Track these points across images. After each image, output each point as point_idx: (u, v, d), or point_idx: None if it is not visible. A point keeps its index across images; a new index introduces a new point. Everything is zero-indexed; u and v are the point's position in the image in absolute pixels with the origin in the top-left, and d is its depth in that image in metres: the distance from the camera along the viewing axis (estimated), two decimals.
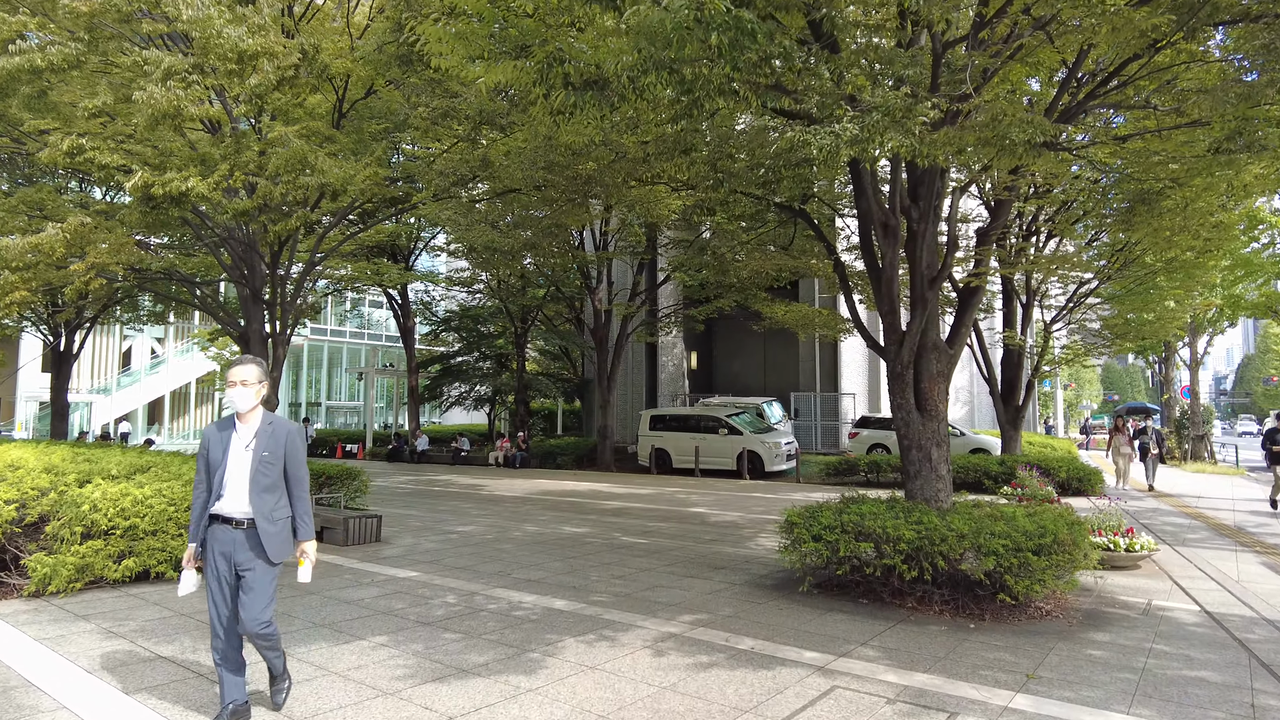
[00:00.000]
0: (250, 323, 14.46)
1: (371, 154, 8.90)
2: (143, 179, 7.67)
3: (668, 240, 21.91)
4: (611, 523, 11.18)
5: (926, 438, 7.21)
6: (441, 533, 10.20)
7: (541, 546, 9.09)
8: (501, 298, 26.83)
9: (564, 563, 8.06)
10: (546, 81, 4.38)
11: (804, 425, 25.45)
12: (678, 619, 5.84)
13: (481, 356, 31.33)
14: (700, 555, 8.54)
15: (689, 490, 16.21)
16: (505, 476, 20.04)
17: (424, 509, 12.95)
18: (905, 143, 4.37)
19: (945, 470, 7.24)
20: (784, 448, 19.57)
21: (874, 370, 25.62)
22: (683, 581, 7.16)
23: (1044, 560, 5.83)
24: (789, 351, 28.61)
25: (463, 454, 25.89)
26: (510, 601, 6.37)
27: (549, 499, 14.50)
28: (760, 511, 12.63)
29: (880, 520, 6.24)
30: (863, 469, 17.74)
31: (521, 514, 12.20)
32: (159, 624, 5.62)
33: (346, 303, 49.21)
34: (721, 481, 18.27)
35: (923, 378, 7.29)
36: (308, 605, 6.21)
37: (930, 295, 7.08)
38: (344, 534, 9.18)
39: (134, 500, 6.83)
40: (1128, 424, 15.94)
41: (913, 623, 5.83)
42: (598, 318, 22.69)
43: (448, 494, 15.58)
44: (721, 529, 10.63)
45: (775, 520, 11.66)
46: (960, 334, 7.68)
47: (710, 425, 20.27)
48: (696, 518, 11.84)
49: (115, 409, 41.06)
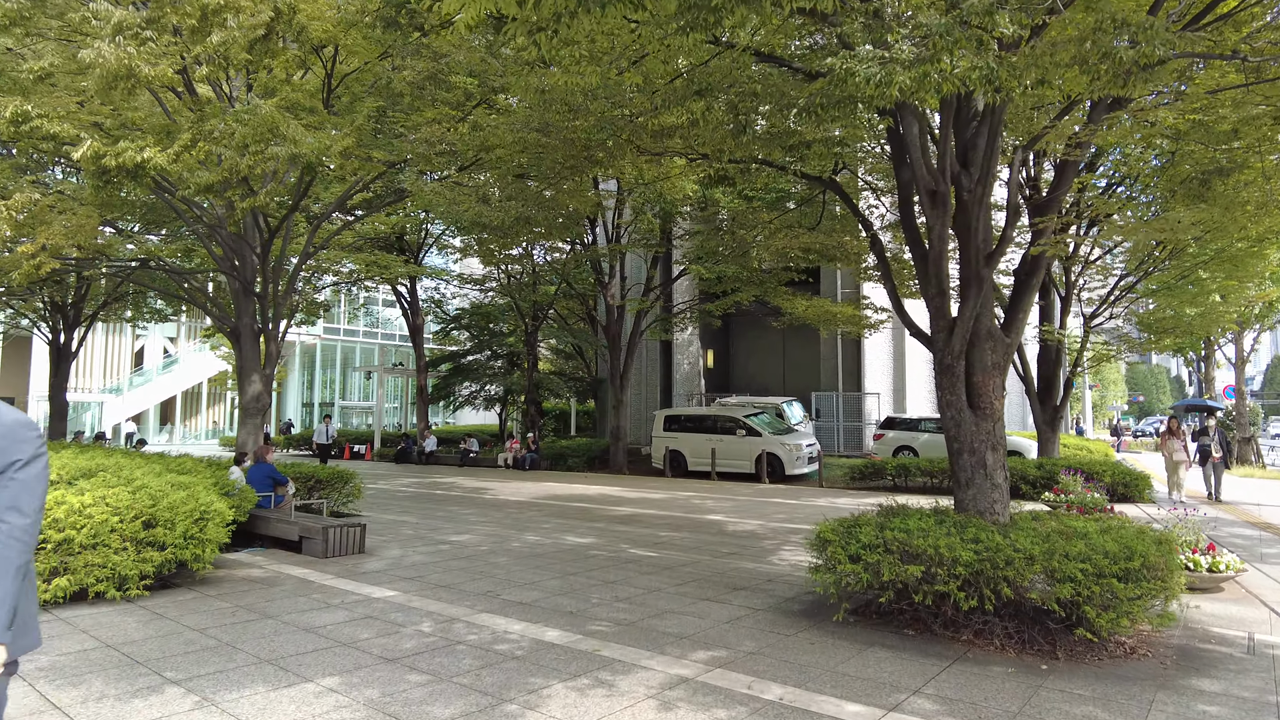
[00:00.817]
0: (241, 317, 13.68)
1: (351, 123, 8.04)
2: (93, 149, 6.85)
3: (683, 232, 20.95)
4: (619, 532, 10.25)
5: (980, 440, 6.22)
6: (433, 543, 9.32)
7: (539, 560, 8.17)
8: (512, 294, 26.00)
9: (562, 580, 7.14)
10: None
11: (825, 426, 24.39)
12: (690, 656, 4.89)
13: (492, 355, 30.52)
14: (716, 572, 7.59)
15: (705, 495, 15.25)
16: (513, 479, 19.18)
17: (420, 515, 12.10)
18: (979, 66, 3.43)
19: (1002, 478, 6.24)
20: (805, 450, 18.55)
21: (899, 369, 24.53)
22: (696, 606, 6.21)
23: (1132, 588, 4.83)
24: (809, 349, 27.55)
25: (471, 455, 25.07)
26: (494, 631, 5.46)
27: (555, 504, 13.60)
28: (781, 520, 11.65)
29: (931, 538, 5.27)
30: (890, 473, 16.70)
31: (523, 521, 11.31)
32: (77, 659, 4.76)
33: (360, 300, 48.65)
34: (739, 485, 17.29)
35: (976, 370, 6.30)
36: (258, 634, 5.33)
37: (986, 273, 6.09)
38: (323, 545, 8.31)
39: (69, 509, 6.00)
40: (1183, 425, 14.75)
41: (971, 661, 4.86)
42: (610, 314, 21.78)
43: (449, 498, 14.73)
44: (740, 540, 9.67)
45: (798, 530, 10.72)
46: (1018, 319, 6.67)
47: (727, 426, 19.29)
48: (712, 526, 10.88)
49: (127, 409, 40.71)
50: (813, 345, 27.13)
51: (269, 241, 12.80)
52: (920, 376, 24.59)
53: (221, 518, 6.86)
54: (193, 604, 6.15)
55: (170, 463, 8.73)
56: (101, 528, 6.05)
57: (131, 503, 6.29)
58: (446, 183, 9.15)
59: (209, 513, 6.72)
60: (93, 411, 40.62)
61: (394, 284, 27.50)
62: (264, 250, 12.91)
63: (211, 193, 7.38)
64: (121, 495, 6.32)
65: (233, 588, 6.76)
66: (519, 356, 28.77)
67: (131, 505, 6.27)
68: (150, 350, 43.51)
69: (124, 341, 41.80)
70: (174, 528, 6.40)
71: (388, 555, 8.47)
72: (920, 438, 20.73)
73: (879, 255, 7.46)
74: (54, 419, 21.42)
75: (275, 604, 6.19)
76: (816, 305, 19.95)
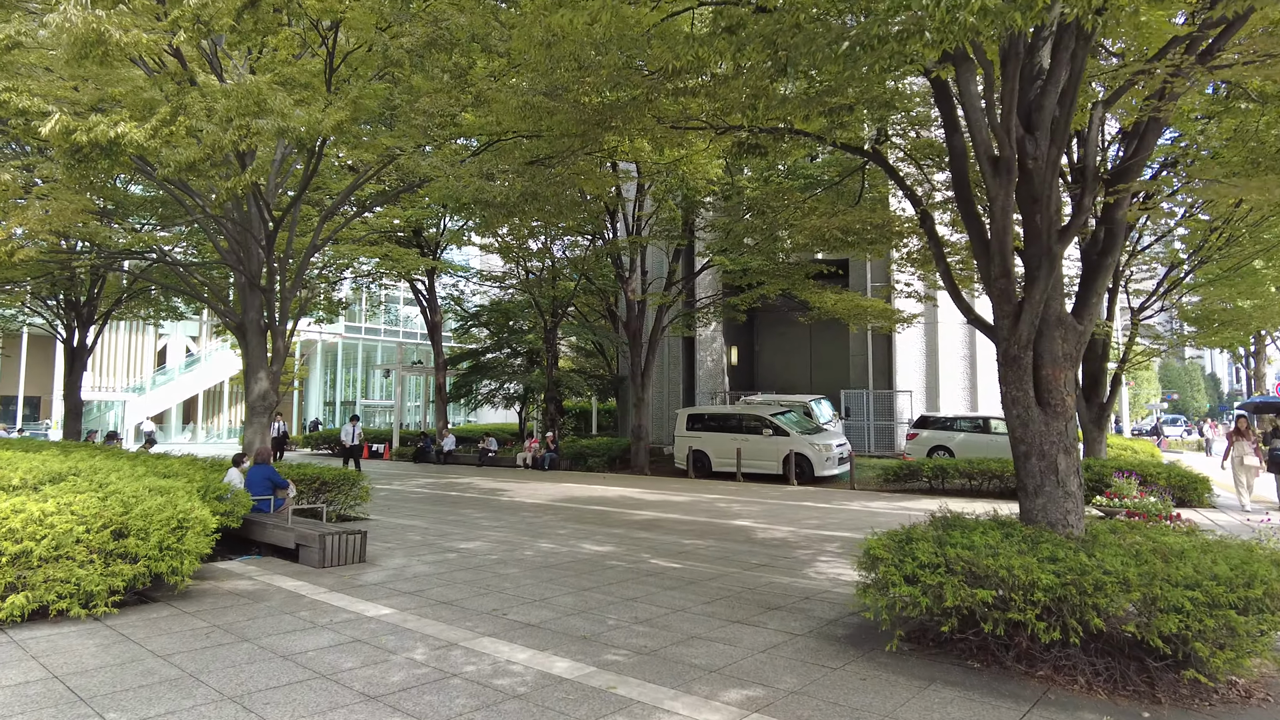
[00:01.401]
0: (247, 312, 13.16)
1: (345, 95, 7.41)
2: (61, 123, 6.26)
3: (705, 223, 20.17)
4: (640, 539, 9.54)
5: (1051, 441, 5.43)
6: (441, 550, 8.68)
7: (553, 572, 7.49)
8: (530, 290, 25.42)
9: (577, 597, 6.45)
10: None
11: (855, 425, 23.50)
12: (721, 696, 4.18)
13: (512, 353, 29.98)
14: (747, 588, 6.86)
15: (730, 497, 14.50)
16: (531, 479, 18.55)
17: (431, 519, 11.48)
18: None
19: (1076, 485, 5.45)
20: (835, 450, 17.71)
21: (932, 366, 23.57)
22: (727, 630, 5.49)
23: (1254, 621, 4.04)
24: (837, 345, 26.68)
25: (490, 455, 24.52)
26: (496, 661, 4.78)
27: (572, 508, 12.93)
28: (814, 526, 10.88)
29: (1002, 558, 4.50)
30: (926, 475, 15.83)
31: (538, 527, 10.64)
32: (10, 696, 4.14)
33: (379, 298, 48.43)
34: (766, 487, 16.51)
35: (1045, 362, 5.51)
36: (229, 661, 4.69)
37: (1059, 249, 5.30)
38: (320, 554, 7.69)
39: (28, 518, 5.40)
40: (1253, 424, 13.75)
41: (1056, 705, 4.09)
42: (631, 310, 21.09)
43: (464, 500, 14.12)
44: (771, 549, 8.92)
45: (833, 537, 9.91)
46: (1091, 303, 5.87)
47: (753, 425, 18.50)
48: (740, 533, 10.14)
49: (150, 408, 40.74)
50: (841, 341, 26.25)
51: (273, 233, 12.25)
52: (954, 373, 23.63)
53: (203, 526, 6.25)
54: (165, 623, 5.54)
55: (158, 465, 8.17)
56: (65, 538, 5.45)
57: (100, 510, 5.70)
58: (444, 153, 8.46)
59: (188, 521, 6.11)
60: (116, 410, 40.70)
61: (412, 280, 27.06)
62: (269, 242, 12.36)
63: (193, 172, 6.80)
64: (89, 502, 5.73)
65: (214, 603, 6.15)
66: (539, 354, 28.20)
67: (100, 513, 5.68)
68: (173, 349, 43.57)
69: (147, 340, 41.86)
70: (148, 538, 5.79)
71: (390, 565, 7.84)
72: (956, 437, 19.80)
73: (929, 233, 6.68)
74: (69, 418, 21.12)
75: (256, 624, 5.56)
76: (846, 299, 19.12)
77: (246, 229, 12.70)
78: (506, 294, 29.96)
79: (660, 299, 20.48)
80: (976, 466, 15.17)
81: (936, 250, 6.52)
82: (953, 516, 5.95)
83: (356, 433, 19.85)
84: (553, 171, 7.45)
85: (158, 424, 42.33)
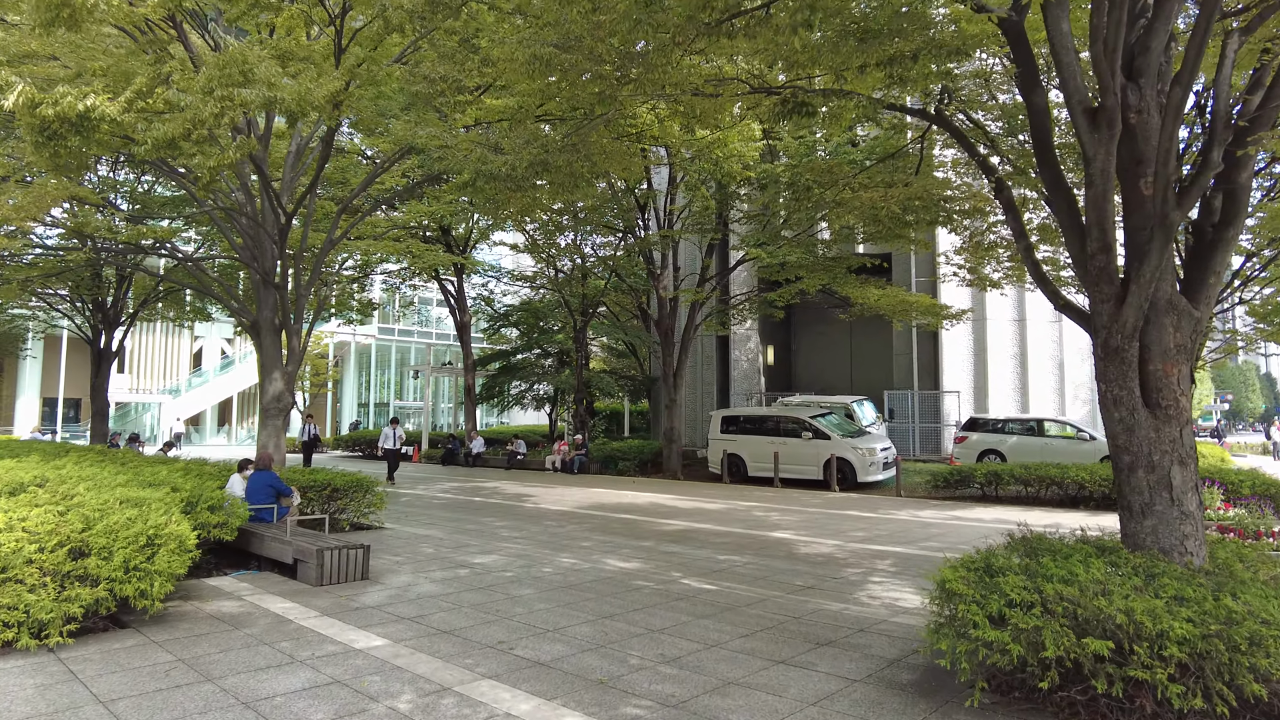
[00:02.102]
0: (261, 310, 12.64)
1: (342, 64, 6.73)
2: (26, 95, 5.66)
3: (740, 215, 19.26)
4: (670, 555, 8.72)
5: (1162, 450, 4.49)
6: (452, 566, 7.95)
7: (572, 594, 6.71)
8: (560, 289, 24.75)
9: (596, 626, 5.65)
10: None
11: (899, 428, 22.38)
12: None
13: (542, 354, 29.37)
14: (792, 616, 5.99)
15: (768, 505, 13.60)
16: (559, 484, 17.83)
17: (449, 527, 10.79)
18: None
19: (1195, 504, 4.51)
20: (879, 454, 16.69)
21: (980, 365, 22.36)
22: (769, 673, 4.64)
23: None
24: (879, 344, 25.56)
25: (518, 457, 23.88)
26: (493, 713, 3.99)
27: (599, 516, 12.15)
28: (861, 539, 9.95)
29: (1117, 597, 3.60)
30: (978, 481, 14.74)
31: (560, 538, 9.88)
32: None
33: (410, 298, 48.30)
34: (806, 494, 15.57)
35: (1153, 355, 4.58)
36: (179, 709, 3.98)
37: (1176, 217, 4.36)
38: (317, 570, 7.00)
39: None
40: None
41: None
42: (662, 307, 20.27)
43: (487, 507, 13.43)
44: (816, 567, 8.04)
45: (884, 553, 8.92)
46: (1208, 284, 4.91)
47: (791, 428, 17.55)
48: (780, 547, 9.27)
49: (185, 410, 41.01)
50: (882, 340, 25.14)
51: (285, 227, 11.68)
52: (1004, 373, 22.39)
53: (179, 543, 5.58)
54: (126, 656, 4.87)
55: (145, 472, 7.56)
56: (13, 559, 4.81)
57: (56, 526, 5.05)
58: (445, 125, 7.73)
59: (161, 537, 5.44)
60: (152, 412, 41.04)
61: (441, 280, 26.58)
62: (281, 237, 11.80)
63: (174, 151, 6.17)
64: (45, 517, 5.09)
65: (190, 629, 5.47)
66: (569, 354, 27.54)
67: (56, 530, 5.03)
68: (209, 351, 43.86)
69: (183, 343, 42.17)
70: (111, 557, 5.13)
71: (394, 583, 7.13)
72: (1008, 441, 18.64)
73: (1006, 205, 5.75)
74: (96, 420, 20.95)
75: (228, 657, 4.85)
76: (890, 294, 18.09)
77: (259, 224, 12.17)
78: (537, 294, 29.38)
79: (693, 295, 19.63)
80: (1034, 473, 14.05)
81: (1016, 224, 5.59)
82: (1034, 537, 5.06)
83: (398, 436, 18.16)
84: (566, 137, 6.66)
85: (193, 426, 42.65)
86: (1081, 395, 23.17)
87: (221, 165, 6.24)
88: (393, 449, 18.04)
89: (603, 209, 19.88)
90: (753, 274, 24.24)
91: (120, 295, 20.60)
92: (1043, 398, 22.48)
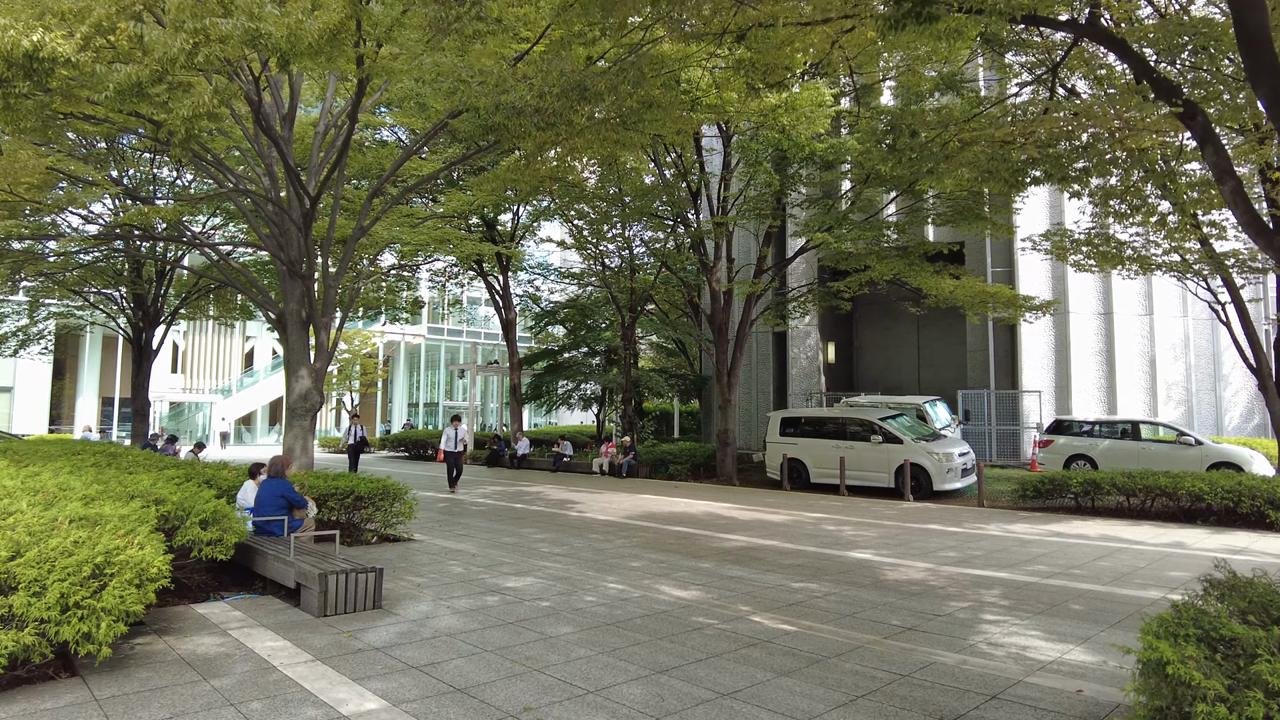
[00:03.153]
0: (287, 302, 11.78)
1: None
2: None
3: (802, 198, 17.83)
4: (735, 580, 7.46)
5: None
6: (480, 591, 6.83)
7: (619, 634, 5.50)
8: (608, 284, 23.67)
9: (648, 686, 4.43)
10: None
11: (974, 430, 20.65)
12: None
13: (589, 352, 28.34)
14: (897, 673, 4.68)
15: (838, 517, 12.21)
16: (607, 489, 16.70)
17: (484, 540, 9.71)
18: None
19: None
20: (958, 460, 15.11)
21: (1062, 362, 20.50)
22: None
23: None
24: (950, 340, 23.83)
25: (564, 460, 22.87)
26: None
27: (650, 528, 10.95)
28: (954, 560, 8.53)
29: None
30: (1073, 490, 13.08)
31: (607, 556, 8.70)
32: None
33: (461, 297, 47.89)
34: (877, 503, 14.11)
35: None
36: None
37: None
38: (320, 599, 5.94)
39: None
40: None
41: None
42: (715, 301, 18.98)
43: (528, 515, 12.35)
44: (911, 599, 6.68)
45: (987, 579, 7.22)
46: None
47: (858, 431, 16.08)
48: (863, 571, 7.92)
49: (236, 409, 41.20)
50: (953, 336, 23.41)
51: (310, 212, 10.78)
52: (1088, 371, 20.48)
53: (139, 572, 4.55)
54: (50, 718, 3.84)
55: (128, 480, 6.61)
56: None
57: (18, 542, 4.05)
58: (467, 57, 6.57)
59: (113, 565, 4.41)
60: (204, 412, 41.30)
61: (486, 277, 25.75)
62: (305, 223, 10.90)
63: (139, 97, 5.19)
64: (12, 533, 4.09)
65: (144, 681, 4.43)
66: (617, 352, 26.43)
67: (21, 543, 4.03)
68: (260, 351, 44.05)
69: (234, 343, 42.38)
70: (44, 593, 4.11)
71: (410, 613, 6.03)
72: (1099, 445, 16.85)
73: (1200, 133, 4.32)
74: (135, 419, 20.60)
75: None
76: (967, 284, 16.48)
77: (284, 210, 11.31)
78: (584, 290, 28.38)
79: (749, 287, 18.28)
80: (1139, 482, 12.35)
81: (1218, 159, 4.18)
82: (1246, 583, 3.69)
83: (459, 436, 16.14)
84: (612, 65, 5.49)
85: (245, 425, 42.85)
86: (1175, 395, 21.09)
87: (198, 115, 5.22)
88: (454, 451, 15.98)
89: (651, 196, 18.70)
90: (812, 265, 22.77)
91: (160, 292, 20.21)
92: (1132, 398, 20.51)
